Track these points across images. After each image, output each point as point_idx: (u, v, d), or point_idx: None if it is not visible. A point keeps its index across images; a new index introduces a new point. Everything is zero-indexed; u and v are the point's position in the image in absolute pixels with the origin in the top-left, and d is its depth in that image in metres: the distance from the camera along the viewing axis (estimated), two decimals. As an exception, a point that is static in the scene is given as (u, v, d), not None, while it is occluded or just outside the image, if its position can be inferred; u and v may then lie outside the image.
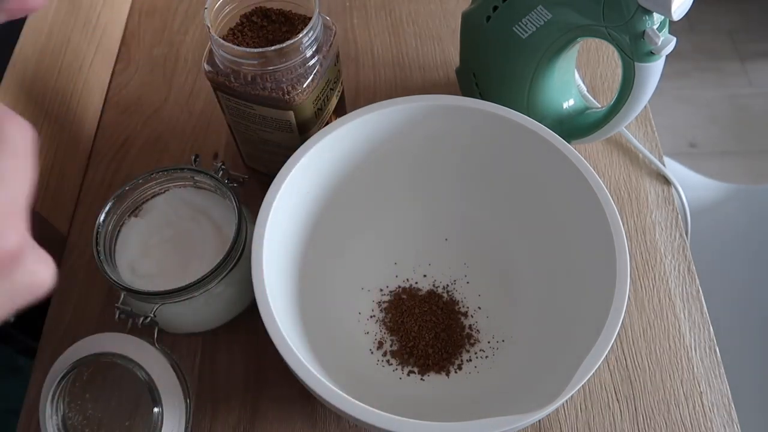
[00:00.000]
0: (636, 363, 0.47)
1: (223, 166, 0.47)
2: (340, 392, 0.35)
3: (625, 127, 0.52)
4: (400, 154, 0.49)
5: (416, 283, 0.50)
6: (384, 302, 0.49)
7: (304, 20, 0.46)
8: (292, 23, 0.47)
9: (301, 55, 0.44)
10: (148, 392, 0.40)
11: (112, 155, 0.59)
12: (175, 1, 0.68)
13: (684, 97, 1.45)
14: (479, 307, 0.49)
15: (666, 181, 0.55)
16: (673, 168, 0.79)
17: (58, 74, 0.55)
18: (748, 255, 0.77)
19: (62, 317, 0.51)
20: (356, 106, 0.46)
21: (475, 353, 0.47)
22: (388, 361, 0.47)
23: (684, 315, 0.49)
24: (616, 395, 0.46)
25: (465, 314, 0.49)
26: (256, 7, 0.47)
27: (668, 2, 0.39)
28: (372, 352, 0.47)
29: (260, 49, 0.42)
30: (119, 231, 0.46)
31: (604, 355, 0.36)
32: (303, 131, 0.48)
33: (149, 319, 0.42)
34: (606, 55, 0.62)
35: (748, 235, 0.78)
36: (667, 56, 0.44)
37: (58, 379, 0.39)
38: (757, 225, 0.78)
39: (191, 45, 0.65)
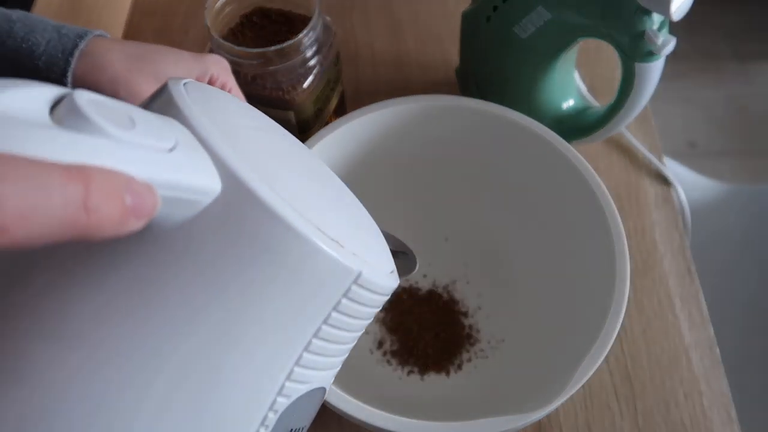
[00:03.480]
0: (636, 363, 0.47)
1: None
2: (341, 392, 0.35)
3: (625, 127, 0.52)
4: (400, 154, 0.49)
5: (416, 282, 0.50)
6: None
7: (304, 20, 0.46)
8: (292, 23, 0.47)
9: (301, 55, 0.44)
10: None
11: (112, 155, 0.59)
12: (175, 1, 0.68)
13: (684, 97, 1.45)
14: (479, 307, 0.49)
15: (666, 181, 0.55)
16: (672, 168, 0.79)
17: (58, 74, 0.55)
18: (748, 255, 0.77)
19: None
20: (356, 106, 0.46)
21: (475, 353, 0.47)
22: (388, 361, 0.47)
23: (684, 315, 0.49)
24: (616, 395, 0.46)
25: (465, 314, 0.49)
26: (256, 7, 0.47)
27: (668, 2, 0.39)
28: (372, 352, 0.47)
29: (260, 49, 0.42)
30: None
31: (604, 355, 0.36)
32: (303, 131, 0.48)
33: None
34: (606, 55, 0.62)
35: (748, 234, 0.78)
36: (667, 56, 0.44)
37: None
38: (756, 225, 0.78)
39: (191, 45, 0.65)
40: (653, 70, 0.44)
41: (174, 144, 0.18)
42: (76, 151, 0.15)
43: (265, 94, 0.45)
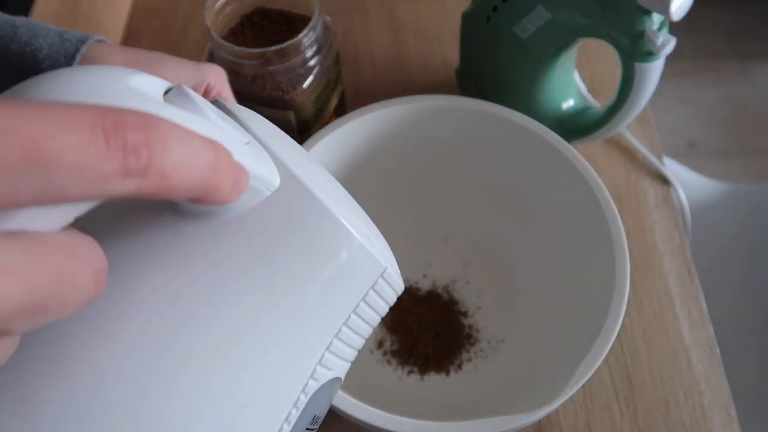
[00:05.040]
0: (636, 363, 0.47)
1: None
2: (341, 392, 0.35)
3: (625, 127, 0.52)
4: (400, 154, 0.49)
5: (416, 283, 0.50)
6: (384, 302, 0.49)
7: (304, 20, 0.46)
8: (292, 23, 0.47)
9: (301, 55, 0.44)
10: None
11: (112, 155, 0.59)
12: (175, 1, 0.68)
13: (684, 97, 1.45)
14: (479, 307, 0.49)
15: (666, 181, 0.55)
16: (672, 168, 0.79)
17: (58, 74, 0.55)
18: (747, 254, 0.77)
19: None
20: (356, 106, 0.46)
21: (475, 353, 0.47)
22: (388, 360, 0.47)
23: (684, 315, 0.49)
24: (616, 395, 0.46)
25: (465, 314, 0.49)
26: (256, 7, 0.47)
27: (667, 2, 0.39)
28: (372, 352, 0.47)
29: (260, 49, 0.43)
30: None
31: (604, 355, 0.36)
32: (303, 131, 0.48)
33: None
34: (606, 55, 0.62)
35: (747, 234, 0.78)
36: (667, 56, 0.44)
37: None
38: (756, 225, 0.78)
39: (191, 45, 0.65)
40: (653, 70, 0.44)
41: (249, 140, 0.21)
42: (195, 127, 0.18)
43: (265, 94, 0.45)
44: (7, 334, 0.15)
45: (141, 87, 0.19)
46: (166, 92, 0.20)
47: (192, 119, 0.19)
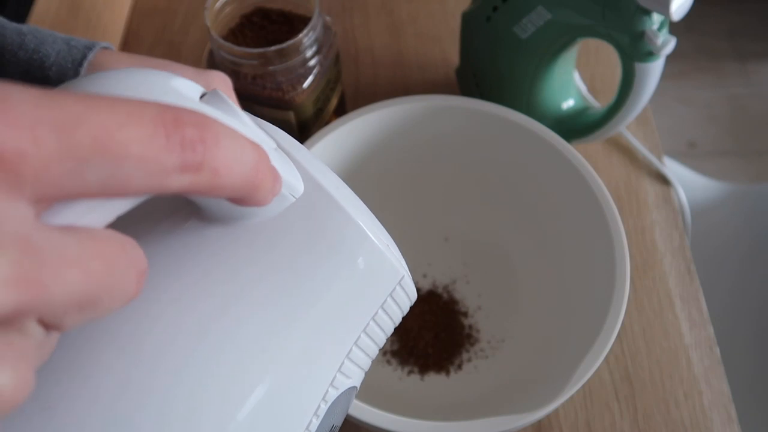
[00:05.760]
0: (636, 363, 0.47)
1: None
2: (341, 392, 0.35)
3: (625, 127, 0.52)
4: (400, 154, 0.49)
5: (416, 282, 0.50)
6: (384, 302, 0.49)
7: (304, 20, 0.46)
8: (292, 23, 0.47)
9: (301, 55, 0.44)
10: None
11: (112, 155, 0.59)
12: (176, 1, 0.68)
13: (684, 97, 1.45)
14: (479, 307, 0.49)
15: (666, 181, 0.55)
16: (672, 168, 0.79)
17: (58, 74, 0.55)
18: (747, 254, 0.77)
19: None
20: (356, 106, 0.46)
21: (475, 353, 0.47)
22: (388, 361, 0.47)
23: (684, 315, 0.49)
24: (616, 395, 0.46)
25: (465, 314, 0.49)
26: (256, 7, 0.47)
27: (667, 2, 0.39)
28: (372, 352, 0.47)
29: (260, 49, 0.43)
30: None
31: (604, 355, 0.36)
32: (303, 131, 0.48)
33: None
34: (606, 55, 0.62)
35: (747, 234, 0.78)
36: (667, 56, 0.44)
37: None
38: (755, 224, 0.78)
39: (191, 45, 0.65)
40: (653, 70, 0.44)
41: (275, 146, 0.22)
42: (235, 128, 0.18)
43: (265, 94, 0.45)
44: (57, 329, 0.15)
45: (182, 89, 0.20)
46: (202, 96, 0.20)
47: (231, 121, 0.19)
